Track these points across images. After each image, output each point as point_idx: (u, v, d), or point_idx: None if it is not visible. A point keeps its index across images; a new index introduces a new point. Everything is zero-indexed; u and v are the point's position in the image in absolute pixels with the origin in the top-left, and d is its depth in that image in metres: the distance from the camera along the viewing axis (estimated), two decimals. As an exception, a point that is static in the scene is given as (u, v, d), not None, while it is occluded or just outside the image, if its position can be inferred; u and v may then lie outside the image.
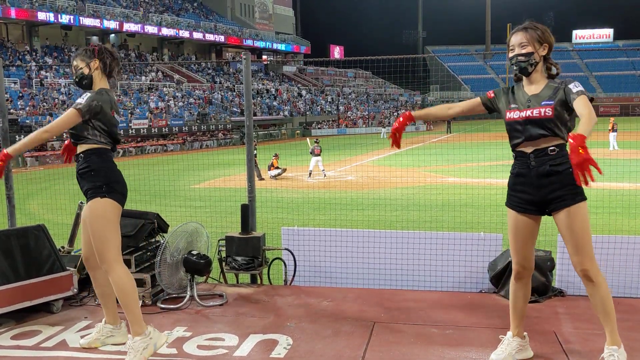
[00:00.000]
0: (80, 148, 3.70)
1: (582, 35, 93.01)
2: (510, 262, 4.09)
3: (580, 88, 3.15)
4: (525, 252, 3.45)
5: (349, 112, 64.04)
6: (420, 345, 3.84)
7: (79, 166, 3.70)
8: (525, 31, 3.27)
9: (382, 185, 17.53)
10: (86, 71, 3.73)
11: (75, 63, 3.75)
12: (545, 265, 4.79)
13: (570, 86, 3.17)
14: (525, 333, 3.64)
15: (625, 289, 4.82)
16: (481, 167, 20.71)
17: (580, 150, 2.73)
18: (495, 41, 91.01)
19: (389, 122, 59.78)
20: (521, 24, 3.36)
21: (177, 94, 49.74)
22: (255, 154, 20.31)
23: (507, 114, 3.34)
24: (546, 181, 3.25)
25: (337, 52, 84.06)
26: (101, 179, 3.64)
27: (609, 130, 27.66)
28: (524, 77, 3.34)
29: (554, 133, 3.20)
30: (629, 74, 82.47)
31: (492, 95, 3.47)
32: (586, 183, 2.76)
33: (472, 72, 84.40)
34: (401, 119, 3.51)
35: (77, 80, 3.77)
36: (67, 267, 4.78)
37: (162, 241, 4.79)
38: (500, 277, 4.85)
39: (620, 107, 70.87)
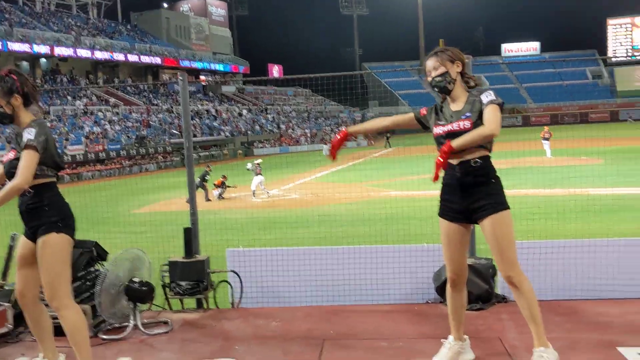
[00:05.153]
0: None
1: (511, 49, 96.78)
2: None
3: (491, 97, 3.33)
4: (458, 259, 3.58)
5: (290, 131, 64.21)
6: (371, 360, 3.84)
7: (28, 202, 3.50)
8: (436, 55, 3.49)
9: (326, 201, 17.59)
10: (8, 110, 3.47)
11: None
12: (487, 273, 4.90)
13: (482, 97, 3.35)
14: (465, 336, 3.72)
15: (564, 292, 4.98)
16: (421, 179, 21.09)
17: (439, 156, 3.27)
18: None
19: (330, 139, 60.30)
20: (450, 41, 3.57)
21: (113, 117, 48.60)
22: (207, 179, 20.15)
23: (434, 129, 3.51)
24: (470, 191, 3.40)
25: (275, 71, 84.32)
26: (56, 214, 3.51)
27: (541, 137, 28.67)
28: (447, 95, 3.51)
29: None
30: (556, 84, 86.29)
31: (425, 112, 3.63)
32: (434, 178, 3.30)
33: (409, 87, 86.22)
34: (338, 136, 3.68)
35: None
36: (1, 303, 4.54)
37: (101, 270, 4.63)
38: (445, 287, 4.91)
39: (550, 117, 73.94)
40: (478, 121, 3.33)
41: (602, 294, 4.86)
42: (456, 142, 3.25)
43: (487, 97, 3.32)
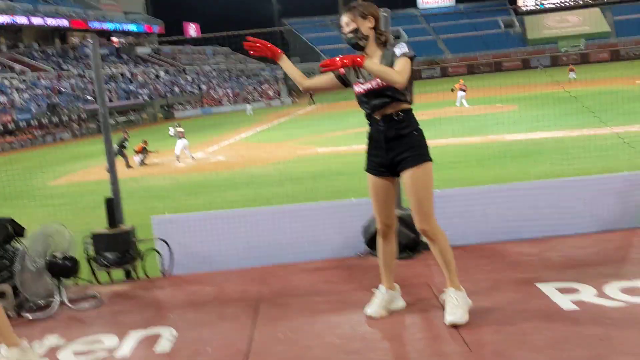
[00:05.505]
0: None
1: (427, 1, 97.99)
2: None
3: (403, 50, 3.33)
4: (387, 211, 3.66)
5: (211, 91, 62.79)
6: (306, 316, 3.89)
7: None
8: (349, 10, 3.45)
9: (253, 162, 17.47)
10: None
11: None
12: (413, 223, 5.03)
13: (395, 50, 3.36)
14: (396, 284, 3.83)
15: (486, 235, 5.18)
16: (347, 134, 21.32)
17: (346, 57, 3.20)
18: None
19: (254, 98, 59.48)
20: None
21: (20, 85, 45.77)
22: (125, 145, 19.44)
23: (355, 87, 3.52)
24: (393, 144, 3.46)
25: (192, 30, 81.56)
26: None
27: (456, 89, 29.33)
28: (361, 52, 3.47)
29: (395, 98, 3.40)
30: (471, 35, 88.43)
31: (344, 70, 3.58)
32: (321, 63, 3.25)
33: (330, 42, 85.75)
34: (278, 51, 3.58)
35: None
36: None
37: (19, 247, 4.41)
38: (374, 239, 5.01)
39: (467, 67, 75.88)
40: None
41: (521, 235, 5.11)
42: (369, 64, 3.21)
43: (399, 49, 3.33)
